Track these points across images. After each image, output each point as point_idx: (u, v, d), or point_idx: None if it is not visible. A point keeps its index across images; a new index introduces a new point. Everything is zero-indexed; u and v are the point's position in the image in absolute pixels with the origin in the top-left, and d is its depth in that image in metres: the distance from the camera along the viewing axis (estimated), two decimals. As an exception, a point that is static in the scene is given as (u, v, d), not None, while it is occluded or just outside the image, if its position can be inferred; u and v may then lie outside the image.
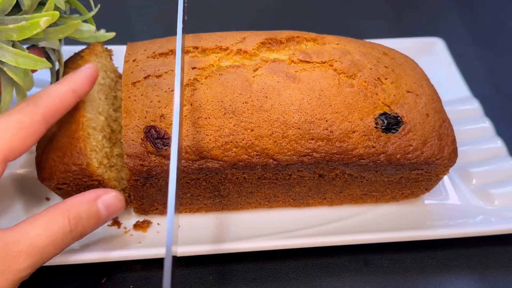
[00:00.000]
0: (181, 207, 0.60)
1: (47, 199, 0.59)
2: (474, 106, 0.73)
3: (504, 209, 0.61)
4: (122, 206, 0.50)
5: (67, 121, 0.53)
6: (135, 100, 0.53)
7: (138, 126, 0.52)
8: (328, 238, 0.57)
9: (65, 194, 0.55)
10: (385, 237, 0.57)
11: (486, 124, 0.71)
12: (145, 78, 0.54)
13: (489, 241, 0.61)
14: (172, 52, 0.57)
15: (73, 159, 0.51)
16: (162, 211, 0.60)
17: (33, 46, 0.53)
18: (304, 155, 0.53)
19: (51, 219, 0.44)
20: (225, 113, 0.53)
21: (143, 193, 0.56)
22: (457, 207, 0.63)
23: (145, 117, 0.52)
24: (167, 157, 0.51)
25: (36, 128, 0.46)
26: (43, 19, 0.47)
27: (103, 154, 0.55)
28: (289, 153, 0.53)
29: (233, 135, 0.53)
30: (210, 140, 0.52)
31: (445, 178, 0.66)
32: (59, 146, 0.52)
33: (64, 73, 0.57)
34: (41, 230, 0.44)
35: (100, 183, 0.53)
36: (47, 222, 0.44)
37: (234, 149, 0.53)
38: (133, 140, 0.52)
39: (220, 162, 0.53)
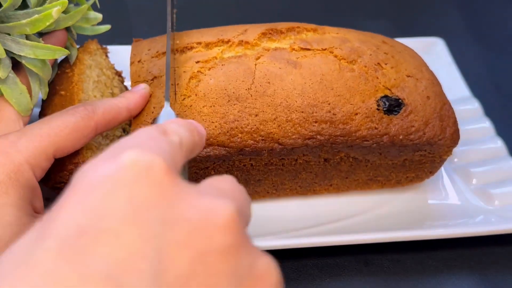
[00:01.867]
0: None
1: (47, 199, 0.59)
2: (474, 106, 0.73)
3: (504, 209, 0.61)
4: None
5: None
6: None
7: (146, 121, 0.53)
8: (328, 238, 0.57)
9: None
10: (385, 237, 0.57)
11: (486, 124, 0.71)
12: (152, 80, 0.55)
13: (489, 241, 0.61)
14: (178, 50, 0.58)
15: (69, 157, 0.50)
16: None
17: (55, 31, 0.54)
18: (308, 138, 0.54)
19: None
20: (229, 100, 0.53)
21: None
22: (457, 207, 0.63)
23: (152, 112, 0.53)
24: None
25: (87, 133, 0.48)
26: (55, 9, 0.47)
27: (100, 152, 0.55)
28: (294, 136, 0.54)
29: (238, 121, 0.53)
30: (215, 126, 0.53)
31: (445, 178, 0.66)
32: None
33: (57, 75, 0.57)
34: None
35: None
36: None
37: (240, 135, 0.53)
38: None
39: (226, 149, 0.53)
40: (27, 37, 0.49)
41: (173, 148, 0.31)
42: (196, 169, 0.56)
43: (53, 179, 0.52)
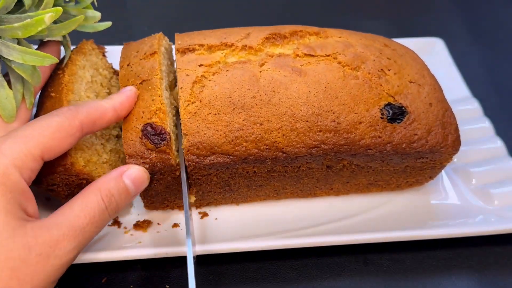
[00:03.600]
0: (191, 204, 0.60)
1: (47, 199, 0.60)
2: (474, 106, 0.73)
3: (504, 209, 0.62)
4: (147, 177, 0.52)
5: None
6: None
7: (136, 127, 0.52)
8: (328, 238, 0.57)
9: (57, 195, 0.55)
10: (385, 237, 0.57)
11: (486, 124, 0.71)
12: (140, 83, 0.55)
13: (489, 241, 0.61)
14: (179, 51, 0.57)
15: (58, 159, 0.50)
16: (173, 207, 0.61)
17: (50, 42, 0.55)
18: (312, 147, 0.54)
19: (85, 200, 0.46)
20: (234, 108, 0.53)
21: (152, 192, 0.56)
22: (457, 207, 0.63)
23: (142, 117, 0.53)
24: (167, 153, 0.52)
25: (72, 132, 0.48)
26: (47, 15, 0.47)
27: (93, 152, 0.55)
28: (298, 145, 0.54)
29: (242, 129, 0.53)
30: (220, 135, 0.53)
31: (445, 178, 0.66)
32: None
33: (50, 77, 0.57)
34: (79, 211, 0.45)
35: (88, 182, 0.53)
36: (83, 203, 0.46)
37: (244, 144, 0.53)
38: (132, 140, 0.52)
39: (230, 157, 0.53)
40: (19, 42, 0.49)
41: None
42: (199, 175, 0.56)
43: (45, 182, 0.52)
